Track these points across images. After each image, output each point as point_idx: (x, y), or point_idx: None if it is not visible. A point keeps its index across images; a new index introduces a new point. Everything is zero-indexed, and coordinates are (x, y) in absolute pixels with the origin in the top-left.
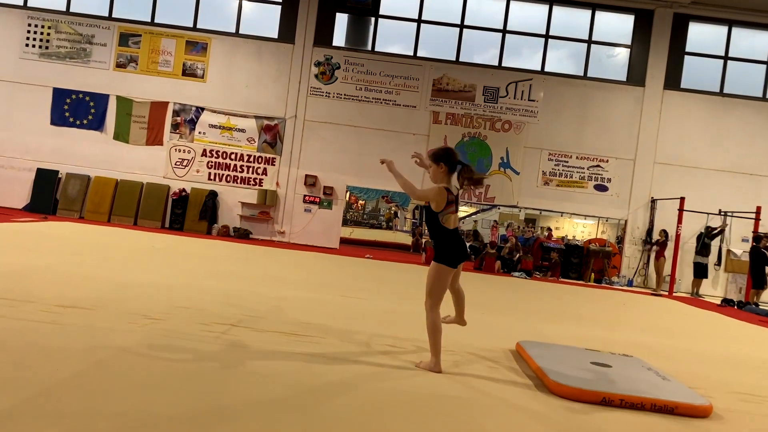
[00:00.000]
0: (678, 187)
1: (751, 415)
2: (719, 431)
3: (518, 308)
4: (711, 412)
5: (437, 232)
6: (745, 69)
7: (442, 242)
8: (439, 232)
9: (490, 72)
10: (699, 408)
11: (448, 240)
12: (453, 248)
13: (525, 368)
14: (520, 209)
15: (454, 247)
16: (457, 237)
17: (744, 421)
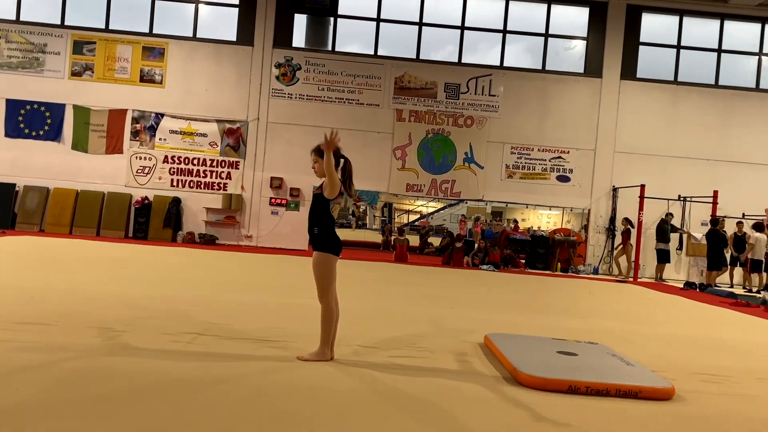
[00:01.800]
0: (638, 175)
1: (711, 395)
2: (681, 412)
3: (486, 301)
4: (674, 394)
5: (325, 220)
6: (697, 57)
7: (328, 231)
8: (327, 220)
9: (450, 69)
10: (662, 391)
11: (333, 229)
12: (337, 237)
13: (493, 360)
14: (486, 203)
15: (336, 236)
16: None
17: (705, 401)
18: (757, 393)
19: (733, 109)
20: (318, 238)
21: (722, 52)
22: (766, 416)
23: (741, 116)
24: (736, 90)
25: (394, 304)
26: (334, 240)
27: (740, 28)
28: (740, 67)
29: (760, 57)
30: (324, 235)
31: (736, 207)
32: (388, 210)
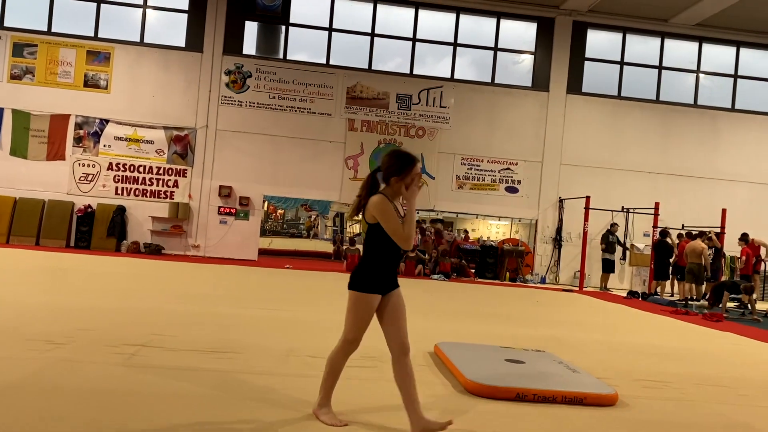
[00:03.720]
0: (583, 186)
1: (653, 400)
2: (624, 418)
3: (437, 310)
4: (617, 400)
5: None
6: (639, 74)
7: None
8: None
9: (402, 80)
10: (606, 397)
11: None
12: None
13: (443, 369)
14: (438, 213)
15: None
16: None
17: (646, 407)
18: (695, 397)
19: (673, 123)
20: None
21: (662, 69)
22: (703, 420)
23: (680, 131)
24: (675, 105)
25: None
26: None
27: (679, 47)
28: (679, 84)
29: (698, 74)
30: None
31: (677, 218)
32: (339, 220)
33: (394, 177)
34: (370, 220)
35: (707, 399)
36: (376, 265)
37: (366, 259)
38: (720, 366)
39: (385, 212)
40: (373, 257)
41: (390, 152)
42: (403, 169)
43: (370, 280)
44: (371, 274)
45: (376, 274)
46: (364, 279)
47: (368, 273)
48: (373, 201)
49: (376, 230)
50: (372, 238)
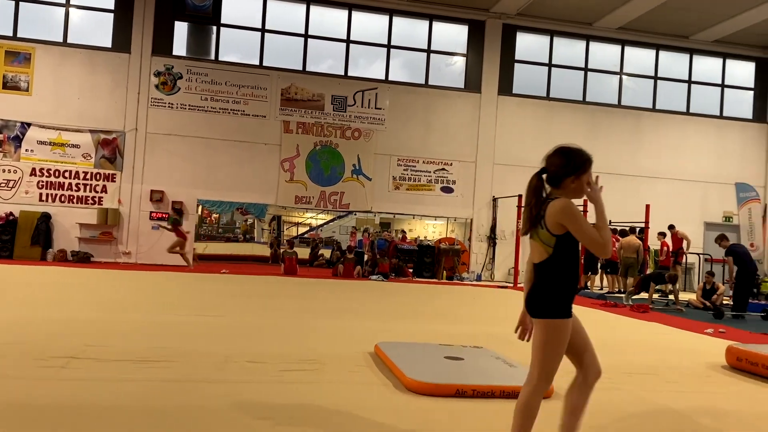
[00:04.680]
0: (516, 185)
1: None
2: (558, 408)
3: (377, 310)
4: (552, 393)
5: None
6: (566, 75)
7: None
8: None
9: (337, 81)
10: None
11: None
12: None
13: (384, 369)
14: (375, 214)
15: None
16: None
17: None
18: (625, 386)
19: (599, 123)
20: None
21: (588, 70)
22: (633, 408)
23: (606, 130)
24: (601, 106)
25: (284, 318)
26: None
27: (604, 50)
28: (604, 85)
29: (621, 76)
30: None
31: None
32: (276, 223)
33: (570, 177)
34: (556, 230)
35: (636, 387)
36: (565, 283)
37: (553, 277)
38: (647, 354)
39: (577, 216)
40: (562, 274)
41: (557, 150)
42: (580, 166)
43: (563, 302)
44: (563, 295)
45: (567, 294)
46: (557, 302)
47: (559, 294)
48: (557, 207)
49: (564, 242)
50: (559, 252)
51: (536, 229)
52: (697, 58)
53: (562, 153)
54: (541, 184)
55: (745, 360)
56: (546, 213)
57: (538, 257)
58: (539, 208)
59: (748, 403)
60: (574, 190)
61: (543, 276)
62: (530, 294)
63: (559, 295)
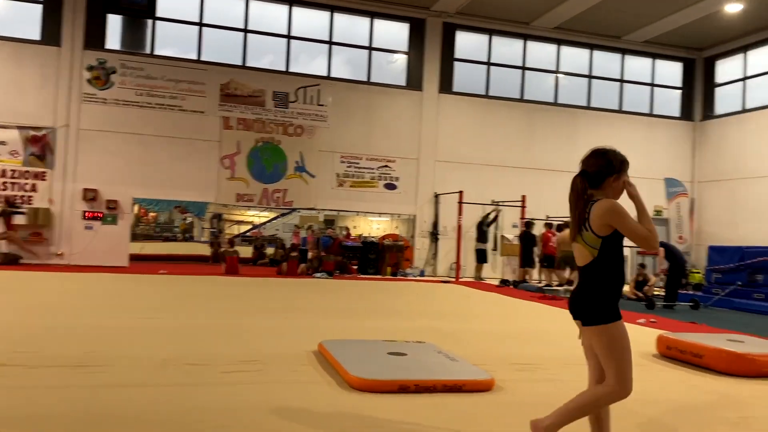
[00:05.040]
0: (457, 182)
1: (525, 383)
2: (499, 401)
3: (321, 308)
4: (493, 385)
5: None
6: (505, 74)
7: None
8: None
9: (278, 77)
10: (483, 383)
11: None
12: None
13: (327, 367)
14: (319, 211)
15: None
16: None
17: (520, 389)
18: (564, 377)
19: (536, 121)
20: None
21: (526, 69)
22: (566, 398)
23: (542, 128)
24: (538, 104)
25: (225, 319)
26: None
27: (540, 49)
28: (541, 84)
29: (557, 75)
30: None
31: (541, 210)
32: (217, 221)
33: (612, 176)
34: (602, 231)
35: (574, 377)
36: (612, 285)
37: (599, 280)
38: None
39: (625, 214)
40: (608, 276)
41: (595, 152)
42: (621, 166)
43: (611, 305)
44: (610, 298)
45: (613, 296)
46: (604, 306)
47: (606, 298)
48: (604, 207)
49: (609, 243)
50: (605, 254)
51: (580, 233)
52: (628, 58)
53: (602, 154)
54: (585, 186)
55: (675, 348)
56: (591, 215)
57: (583, 260)
58: (583, 210)
59: (678, 389)
60: (614, 189)
61: (589, 279)
62: (577, 299)
63: (606, 298)
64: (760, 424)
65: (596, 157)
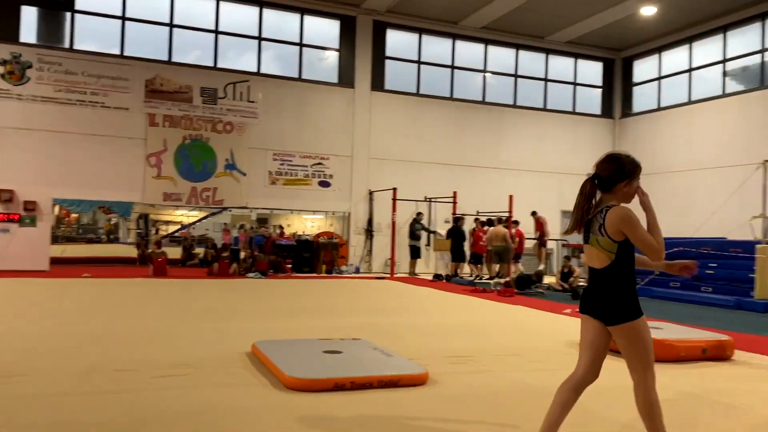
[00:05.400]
0: (391, 178)
1: (459, 375)
2: (434, 394)
3: (254, 309)
4: (428, 379)
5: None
6: (435, 72)
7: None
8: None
9: (206, 73)
10: (417, 377)
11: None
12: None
13: (261, 368)
14: (251, 210)
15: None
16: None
17: (453, 381)
18: (495, 368)
19: (466, 119)
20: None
21: (455, 68)
22: (502, 388)
23: (472, 125)
24: (467, 102)
25: (154, 322)
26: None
27: (469, 48)
28: (470, 82)
29: (485, 74)
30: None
31: (472, 206)
32: (144, 221)
33: (623, 182)
34: (617, 236)
35: (505, 368)
36: (630, 284)
37: (618, 281)
38: (514, 337)
39: (636, 224)
40: (626, 277)
41: (609, 156)
42: (632, 172)
43: (633, 302)
44: (631, 296)
45: (634, 294)
46: (628, 304)
47: (628, 296)
48: (618, 214)
49: (624, 247)
50: (621, 257)
51: (596, 236)
52: (552, 57)
53: (615, 159)
54: (594, 189)
55: None
56: (606, 221)
57: (600, 263)
58: (591, 212)
59: (603, 376)
60: (625, 194)
61: (608, 281)
62: (599, 300)
63: (628, 297)
64: (680, 405)
65: (609, 162)
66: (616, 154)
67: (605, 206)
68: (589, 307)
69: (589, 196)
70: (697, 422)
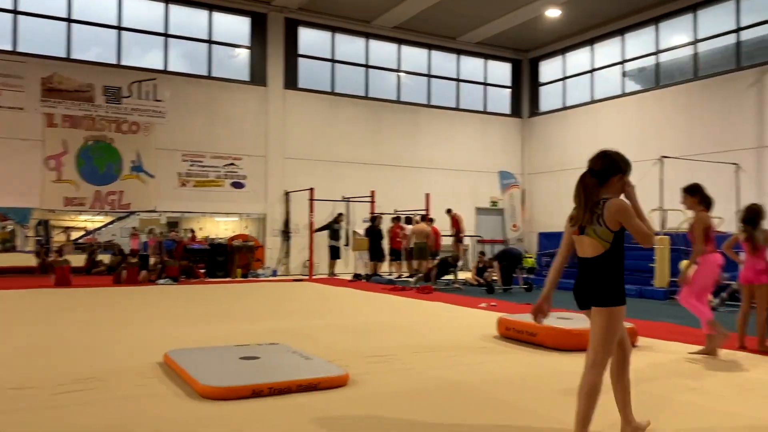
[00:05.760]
0: (307, 179)
1: (379, 374)
2: (354, 395)
3: (166, 317)
4: (348, 380)
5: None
6: (350, 71)
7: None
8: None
9: (108, 71)
10: (337, 379)
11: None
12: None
13: (175, 378)
14: (160, 213)
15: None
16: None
17: (374, 381)
18: (415, 365)
19: (381, 118)
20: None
21: (369, 67)
22: (423, 385)
23: (388, 125)
24: (382, 102)
25: (57, 335)
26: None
27: (382, 47)
28: (385, 82)
29: (399, 74)
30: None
31: (390, 204)
32: (44, 228)
33: (618, 175)
34: (614, 226)
35: (425, 365)
36: (621, 273)
37: (611, 269)
38: (433, 333)
39: (632, 213)
40: (618, 265)
41: (601, 153)
42: (626, 166)
43: (621, 290)
44: (621, 284)
45: (622, 282)
46: (617, 291)
47: (619, 283)
48: (616, 205)
49: (618, 237)
50: (615, 246)
51: (592, 226)
52: (463, 58)
53: (609, 155)
54: (593, 182)
55: (513, 329)
56: (605, 212)
57: (594, 252)
58: (589, 207)
59: (517, 367)
60: (617, 187)
61: (601, 268)
62: (589, 286)
63: (619, 284)
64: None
65: (603, 158)
66: (608, 151)
67: (602, 198)
68: (586, 301)
69: (591, 188)
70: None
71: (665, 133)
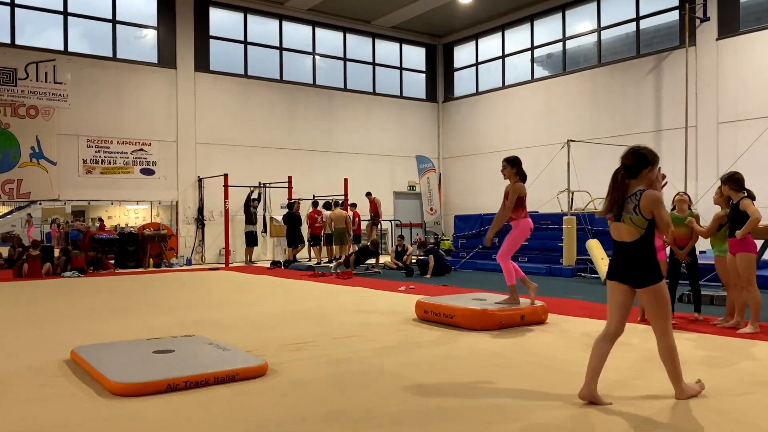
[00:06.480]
0: (221, 164)
1: (299, 362)
2: (274, 384)
3: (73, 311)
4: (267, 370)
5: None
6: (264, 53)
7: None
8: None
9: (1, 51)
10: (256, 369)
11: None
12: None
13: (84, 376)
14: (64, 202)
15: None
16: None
17: (294, 369)
18: (335, 351)
19: (297, 102)
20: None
21: (283, 50)
22: (338, 371)
23: (304, 109)
24: (297, 85)
25: None
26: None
27: (297, 30)
28: (300, 65)
29: (314, 56)
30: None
31: (308, 190)
32: None
33: (648, 168)
34: (649, 215)
35: (344, 350)
36: (655, 254)
37: (647, 251)
38: (352, 318)
39: (663, 205)
40: (652, 248)
41: (632, 150)
42: (654, 159)
43: (658, 268)
44: (657, 263)
45: (657, 262)
46: (655, 269)
47: (655, 263)
48: (652, 197)
49: (651, 224)
50: (649, 232)
51: (629, 215)
52: (379, 42)
53: (639, 150)
54: (624, 177)
55: (431, 312)
56: (641, 202)
57: (630, 237)
58: (622, 197)
59: (434, 348)
60: (648, 179)
61: (638, 251)
62: (630, 267)
63: (653, 264)
64: (512, 366)
65: (634, 154)
66: (638, 147)
67: (638, 190)
68: (618, 274)
69: (622, 182)
70: (524, 376)
71: (572, 118)
